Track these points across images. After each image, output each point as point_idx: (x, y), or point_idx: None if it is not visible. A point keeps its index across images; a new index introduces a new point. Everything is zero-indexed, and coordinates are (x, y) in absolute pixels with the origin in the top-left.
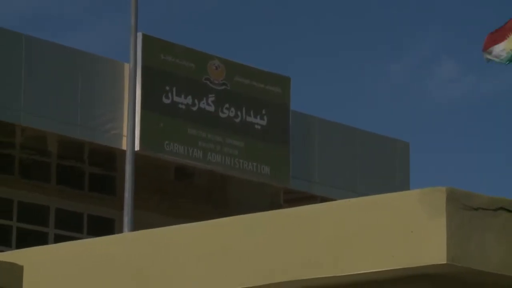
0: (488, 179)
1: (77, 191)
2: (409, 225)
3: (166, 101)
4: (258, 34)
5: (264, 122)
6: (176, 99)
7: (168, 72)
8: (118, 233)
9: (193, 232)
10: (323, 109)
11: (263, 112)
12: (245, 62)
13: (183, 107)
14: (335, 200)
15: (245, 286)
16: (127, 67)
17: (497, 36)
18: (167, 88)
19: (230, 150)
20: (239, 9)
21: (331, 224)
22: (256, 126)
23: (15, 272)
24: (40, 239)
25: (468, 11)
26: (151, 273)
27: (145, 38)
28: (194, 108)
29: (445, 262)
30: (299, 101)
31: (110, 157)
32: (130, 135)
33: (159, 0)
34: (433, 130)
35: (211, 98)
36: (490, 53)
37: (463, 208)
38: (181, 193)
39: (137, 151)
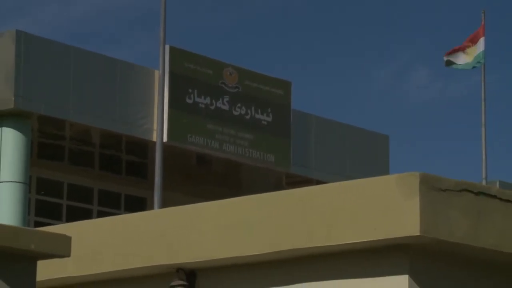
0: (455, 165)
1: (115, 175)
2: (388, 204)
3: (189, 101)
4: (264, 45)
5: (269, 119)
6: (197, 99)
7: (191, 77)
8: (149, 210)
9: (212, 209)
10: (319, 108)
11: (269, 110)
12: (254, 69)
13: (203, 106)
14: (328, 182)
15: (255, 253)
16: (157, 73)
17: (458, 49)
18: (190, 90)
19: (241, 142)
20: (248, 26)
21: (325, 202)
22: (263, 122)
23: (65, 241)
24: (85, 215)
25: (437, 28)
26: (177, 241)
27: (172, 49)
28: (212, 107)
29: (418, 234)
30: (299, 101)
31: (143, 147)
32: (159, 129)
33: (183, 18)
34: (409, 125)
35: (226, 98)
36: (454, 61)
37: (433, 190)
38: (201, 177)
39: (165, 142)
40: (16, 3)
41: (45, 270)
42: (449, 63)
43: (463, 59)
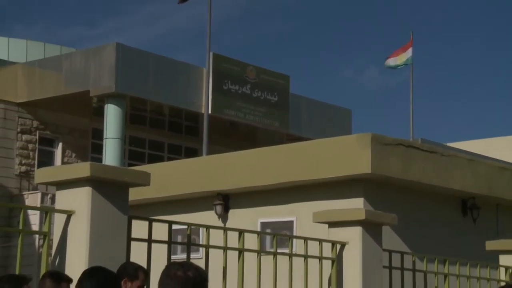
0: (393, 128)
1: (178, 134)
2: (351, 152)
3: (225, 88)
4: (273, 51)
5: (276, 99)
6: (230, 86)
7: (226, 73)
8: (199, 156)
9: (239, 156)
10: (307, 92)
11: (275, 93)
12: (266, 67)
13: (234, 91)
14: (313, 139)
15: (266, 184)
16: (204, 70)
17: (393, 55)
18: (225, 81)
19: (258, 113)
20: (262, 38)
21: (311, 151)
22: (272, 101)
23: (146, 176)
24: (159, 159)
25: (382, 40)
26: (217, 176)
27: (214, 55)
28: (240, 92)
29: (370, 172)
30: (295, 87)
31: (196, 117)
32: (206, 105)
33: (221, 33)
34: (364, 103)
35: (248, 86)
36: (389, 63)
37: (379, 144)
38: (233, 136)
39: (210, 113)
40: (117, 25)
41: (134, 194)
42: (387, 65)
43: (393, 62)
